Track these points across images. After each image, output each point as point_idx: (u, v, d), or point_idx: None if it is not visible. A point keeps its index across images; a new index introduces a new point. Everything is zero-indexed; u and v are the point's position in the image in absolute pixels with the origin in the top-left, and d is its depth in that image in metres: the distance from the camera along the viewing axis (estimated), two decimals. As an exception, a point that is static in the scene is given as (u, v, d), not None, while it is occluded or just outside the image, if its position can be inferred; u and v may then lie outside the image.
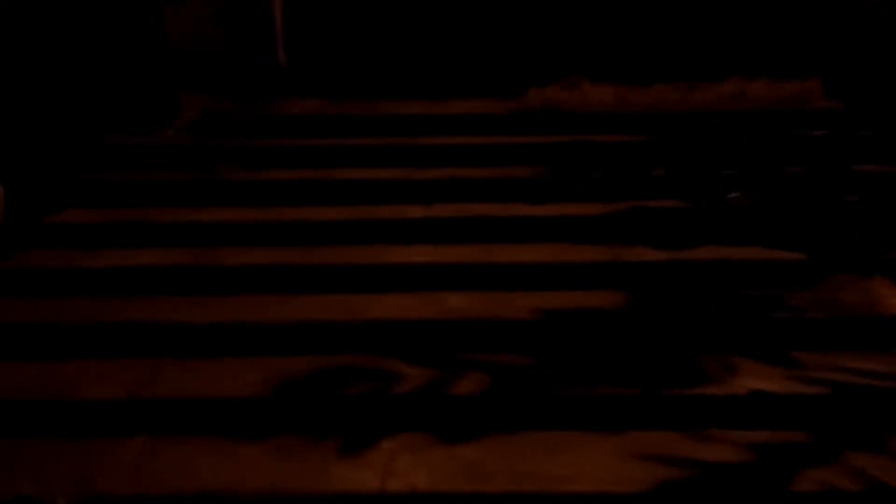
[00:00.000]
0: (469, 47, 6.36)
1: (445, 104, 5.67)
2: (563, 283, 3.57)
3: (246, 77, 5.86)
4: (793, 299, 3.40)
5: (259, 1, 6.00)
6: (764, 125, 4.96)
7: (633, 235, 3.92)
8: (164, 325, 3.21)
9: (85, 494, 2.40)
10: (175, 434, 2.71)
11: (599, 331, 3.22)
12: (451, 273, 3.59)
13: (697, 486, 2.44)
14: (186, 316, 3.27)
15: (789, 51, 5.94)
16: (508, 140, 4.81)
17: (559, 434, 2.70)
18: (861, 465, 2.55)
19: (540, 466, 2.53)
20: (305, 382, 2.92)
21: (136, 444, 2.65)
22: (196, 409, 2.79)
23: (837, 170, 4.46)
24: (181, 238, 3.90)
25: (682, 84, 5.55)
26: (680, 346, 3.17)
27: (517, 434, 2.71)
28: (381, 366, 3.02)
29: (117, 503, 2.41)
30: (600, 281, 3.58)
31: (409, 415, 2.78)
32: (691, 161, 4.55)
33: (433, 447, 2.64)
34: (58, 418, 2.77)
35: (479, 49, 6.34)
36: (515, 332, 3.21)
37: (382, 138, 4.91)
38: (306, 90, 6.39)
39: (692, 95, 5.41)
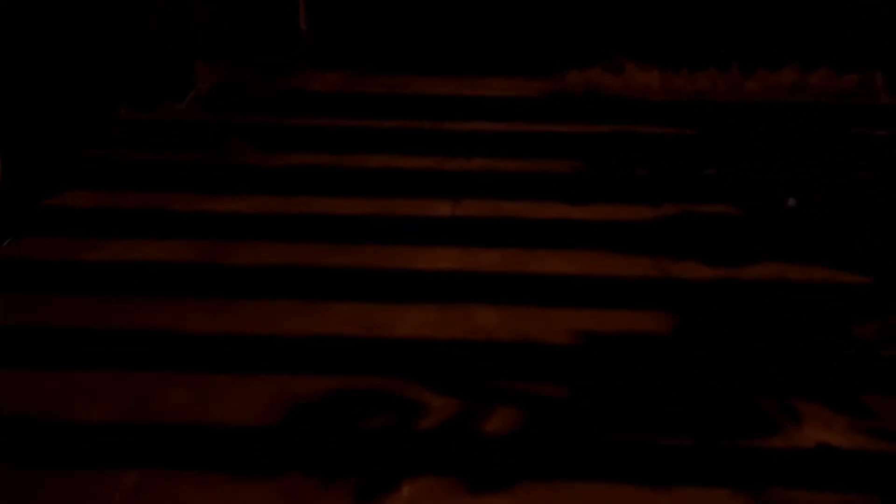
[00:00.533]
0: (505, 20, 5.93)
1: (477, 81, 5.30)
2: (604, 301, 3.25)
3: (265, 45, 5.49)
4: (860, 330, 3.06)
5: (281, -37, 5.60)
6: (824, 121, 4.54)
7: (682, 246, 3.58)
8: (168, 334, 2.92)
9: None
10: (173, 467, 2.45)
11: (645, 361, 2.90)
12: (480, 283, 3.27)
13: (757, 560, 2.16)
14: (192, 323, 2.99)
15: (849, 40, 5.47)
16: (546, 128, 4.43)
17: (601, 486, 2.41)
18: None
19: (578, 527, 2.24)
20: (319, 409, 2.64)
21: (131, 478, 2.39)
22: (198, 437, 2.52)
23: (907, 177, 4.06)
24: (189, 229, 3.60)
25: (735, 70, 5.13)
26: (735, 382, 2.85)
27: (553, 483, 2.42)
28: (403, 392, 2.73)
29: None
30: (646, 300, 3.25)
31: (433, 454, 2.50)
32: (745, 161, 4.16)
33: (459, 496, 2.36)
34: (44, 443, 2.51)
35: (516, 22, 5.91)
36: (551, 357, 2.90)
37: (409, 121, 4.56)
38: (329, 60, 6.03)
39: (745, 84, 5.00)
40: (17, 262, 3.29)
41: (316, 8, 6.08)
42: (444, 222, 3.65)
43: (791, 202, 3.93)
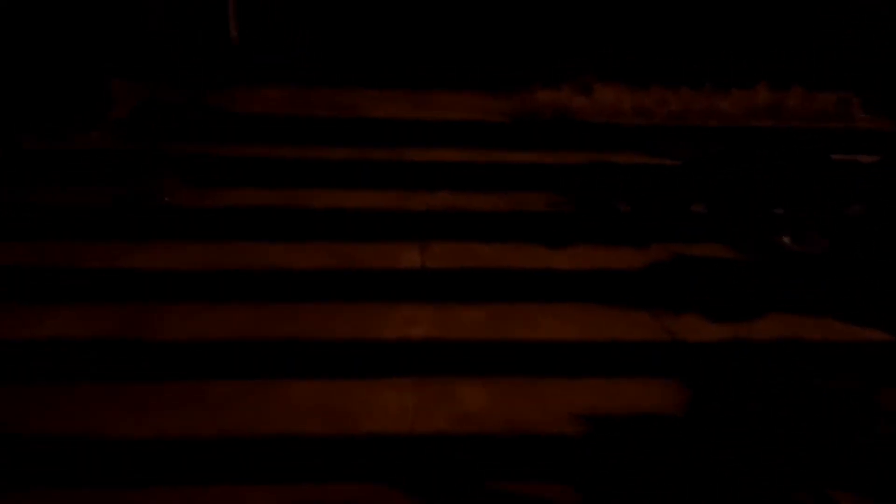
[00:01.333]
0: (459, 27, 5.47)
1: (432, 97, 4.84)
2: (604, 369, 2.84)
3: (192, 58, 4.86)
4: (885, 399, 2.75)
5: (209, -35, 4.98)
6: (807, 146, 4.28)
7: (680, 297, 3.21)
8: (80, 440, 2.34)
9: None
10: None
11: (659, 447, 2.50)
12: (461, 353, 2.81)
13: None
14: (113, 425, 2.41)
15: (822, 58, 5.26)
16: (516, 157, 4.01)
17: None
18: None
19: None
20: (279, 536, 2.13)
21: None
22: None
23: (900, 211, 3.83)
24: (107, 291, 3.00)
25: (707, 87, 4.83)
26: (762, 469, 2.48)
27: None
28: (383, 507, 2.25)
29: None
30: (650, 367, 2.86)
31: None
32: (732, 193, 3.85)
33: None
34: None
35: (471, 30, 5.45)
36: (553, 450, 2.46)
37: (363, 148, 4.05)
38: (265, 74, 5.44)
39: (719, 103, 4.69)
40: None
41: (247, 12, 5.48)
42: (414, 275, 3.17)
43: (786, 240, 3.63)
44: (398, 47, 5.39)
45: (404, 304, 3.09)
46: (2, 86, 3.72)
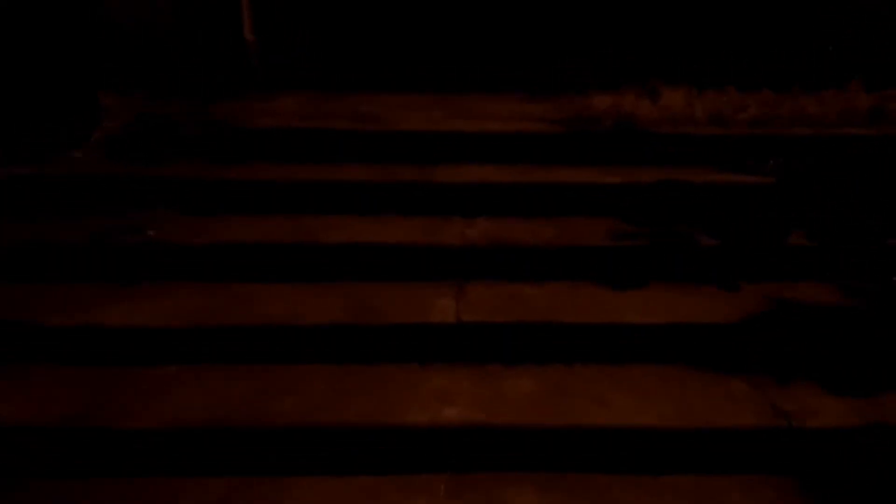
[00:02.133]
0: (499, 21, 4.83)
1: (469, 103, 4.23)
2: (696, 463, 2.18)
3: (199, 64, 4.31)
4: None
5: (216, -42, 4.44)
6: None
7: (785, 358, 2.52)
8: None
9: None
10: None
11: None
12: (509, 443, 2.18)
13: None
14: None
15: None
16: (570, 175, 3.36)
17: None
18: None
19: None
20: None
21: None
22: None
23: None
24: (71, 355, 2.44)
25: (792, 88, 4.12)
26: None
27: None
28: None
29: None
30: (756, 459, 2.19)
31: None
32: (843, 221, 3.13)
33: None
34: None
35: (513, 24, 4.80)
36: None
37: (387, 167, 3.45)
38: (281, 79, 4.87)
39: (807, 106, 3.98)
40: None
41: (265, 13, 4.92)
42: (448, 331, 2.54)
43: (911, 280, 2.92)
44: (428, 46, 4.78)
45: (435, 370, 2.46)
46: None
